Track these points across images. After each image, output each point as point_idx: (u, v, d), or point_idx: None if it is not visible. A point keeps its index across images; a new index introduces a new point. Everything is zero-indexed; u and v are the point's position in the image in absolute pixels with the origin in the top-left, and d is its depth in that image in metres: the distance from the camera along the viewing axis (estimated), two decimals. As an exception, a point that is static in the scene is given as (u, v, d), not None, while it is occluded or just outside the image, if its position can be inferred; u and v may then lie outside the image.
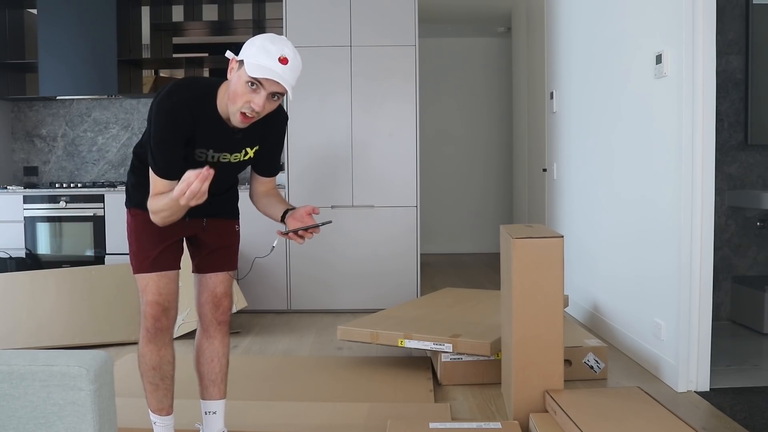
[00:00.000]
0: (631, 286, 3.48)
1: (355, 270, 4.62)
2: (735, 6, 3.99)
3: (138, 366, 2.19)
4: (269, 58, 1.87)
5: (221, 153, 2.08)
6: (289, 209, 2.21)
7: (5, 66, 4.88)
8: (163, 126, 1.95)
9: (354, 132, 4.58)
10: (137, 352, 2.18)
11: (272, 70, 1.87)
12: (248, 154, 2.14)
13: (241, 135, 2.07)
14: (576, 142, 4.37)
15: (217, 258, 2.25)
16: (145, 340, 2.13)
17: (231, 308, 2.32)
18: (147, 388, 2.19)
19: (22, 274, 4.01)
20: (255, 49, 1.90)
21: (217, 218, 2.25)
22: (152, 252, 2.12)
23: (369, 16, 4.53)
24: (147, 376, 2.17)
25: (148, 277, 2.13)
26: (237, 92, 1.92)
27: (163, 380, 2.18)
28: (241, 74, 1.91)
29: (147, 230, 2.12)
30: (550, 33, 4.97)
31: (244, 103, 1.92)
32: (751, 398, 2.77)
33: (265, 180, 2.29)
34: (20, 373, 1.24)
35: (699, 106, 2.83)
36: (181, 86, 2.00)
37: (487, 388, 2.98)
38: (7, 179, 5.14)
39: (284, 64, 1.88)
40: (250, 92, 1.91)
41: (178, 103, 1.96)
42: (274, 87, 1.90)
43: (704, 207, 2.87)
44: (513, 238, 2.44)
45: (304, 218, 2.14)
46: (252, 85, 1.89)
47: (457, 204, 7.77)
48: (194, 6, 5.06)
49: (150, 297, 2.11)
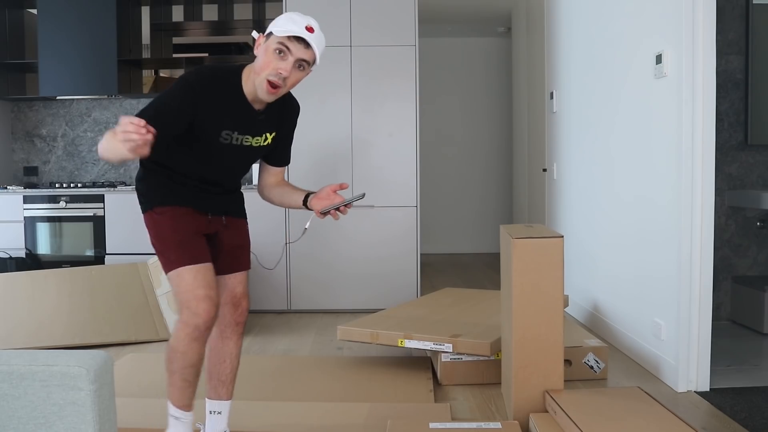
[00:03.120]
0: (631, 286, 3.48)
1: (355, 270, 4.62)
2: (735, 6, 3.99)
3: (169, 363, 2.10)
4: (296, 25, 1.95)
5: (244, 135, 2.10)
6: (309, 193, 2.24)
7: (5, 66, 4.88)
8: (176, 91, 1.97)
9: (354, 132, 4.58)
10: (171, 350, 2.08)
11: (300, 32, 1.95)
12: (267, 139, 2.16)
13: (263, 116, 2.10)
14: (576, 142, 4.37)
15: (235, 258, 2.25)
16: (190, 338, 2.04)
17: (248, 309, 2.31)
18: (178, 385, 2.11)
19: (22, 274, 4.01)
20: (282, 20, 1.98)
21: (233, 216, 2.27)
22: (191, 243, 2.07)
23: (369, 16, 4.53)
24: (182, 374, 2.09)
25: (197, 270, 2.04)
26: (265, 61, 1.97)
27: (196, 377, 2.13)
28: (269, 44, 1.98)
29: (185, 223, 2.08)
30: (550, 33, 4.97)
31: (271, 70, 1.96)
32: (751, 398, 2.77)
33: (277, 170, 2.32)
34: (20, 373, 1.24)
35: (699, 106, 2.83)
36: (207, 66, 2.06)
37: (487, 388, 2.98)
38: (7, 179, 5.14)
39: (311, 33, 1.96)
40: (278, 59, 1.97)
41: (201, 78, 1.99)
42: (302, 53, 1.96)
43: (704, 207, 2.87)
44: (513, 238, 2.44)
45: (330, 196, 2.19)
46: (280, 52, 1.96)
47: (457, 204, 7.77)
48: (194, 6, 5.06)
49: (201, 291, 2.02)
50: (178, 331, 2.06)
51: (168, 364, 2.11)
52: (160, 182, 2.11)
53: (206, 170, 2.14)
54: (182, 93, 1.97)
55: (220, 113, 2.03)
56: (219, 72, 2.04)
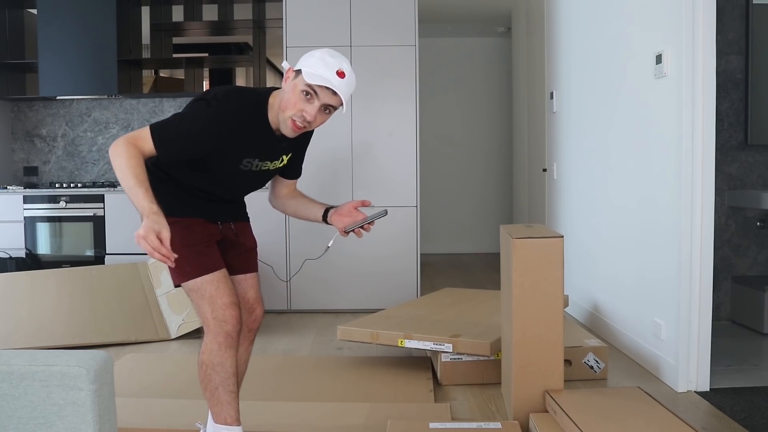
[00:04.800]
0: (631, 286, 3.48)
1: (355, 270, 4.62)
2: (735, 6, 3.99)
3: (208, 381, 2.04)
4: (327, 70, 1.90)
5: (264, 162, 2.09)
6: (329, 207, 2.22)
7: (5, 66, 4.88)
8: (200, 117, 1.91)
9: (354, 132, 4.58)
10: (207, 367, 2.03)
11: (329, 80, 1.89)
12: (284, 161, 2.15)
13: (285, 143, 2.08)
14: (576, 142, 4.37)
15: (244, 260, 2.24)
16: (224, 348, 2.00)
17: (263, 316, 2.29)
18: (224, 399, 2.04)
19: (22, 274, 4.01)
20: (314, 60, 1.92)
21: (241, 222, 2.27)
22: (204, 252, 2.04)
23: (369, 16, 4.53)
24: (226, 386, 2.03)
25: (215, 279, 2.01)
26: (291, 101, 1.93)
27: (238, 385, 2.10)
28: (297, 83, 1.93)
29: (196, 233, 2.05)
30: (550, 33, 4.97)
31: (296, 111, 1.93)
32: (751, 398, 2.77)
33: (290, 182, 2.30)
34: (20, 373, 1.24)
35: (699, 106, 2.83)
36: (235, 92, 1.98)
37: (487, 388, 2.98)
38: (7, 179, 5.14)
39: (341, 78, 1.91)
40: (305, 101, 1.92)
41: (228, 109, 1.93)
42: (329, 98, 1.92)
43: (704, 207, 2.87)
44: (513, 238, 2.44)
45: (352, 213, 2.17)
46: (307, 94, 1.91)
47: (457, 204, 7.77)
48: (194, 6, 5.06)
49: (226, 299, 2.00)
50: (209, 344, 2.02)
51: (206, 384, 2.05)
52: (169, 191, 2.06)
53: (219, 189, 2.12)
54: (206, 123, 1.91)
55: (244, 144, 2.00)
56: (246, 100, 1.97)
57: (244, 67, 5.18)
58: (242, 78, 5.22)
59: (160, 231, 1.72)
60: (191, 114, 1.94)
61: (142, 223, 1.77)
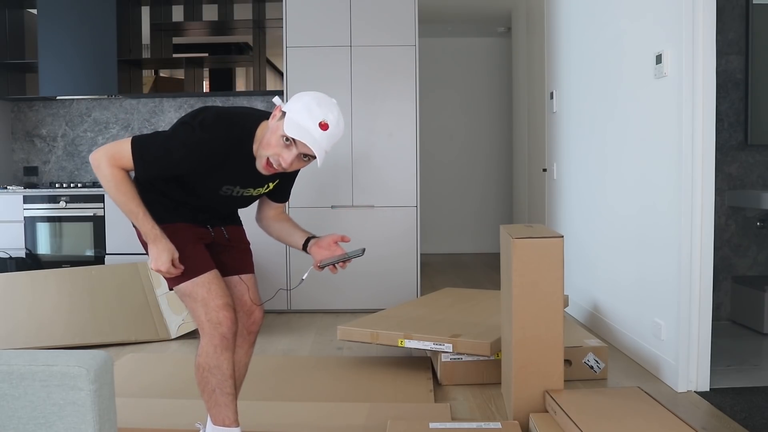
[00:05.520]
0: (631, 286, 3.48)
1: (355, 270, 4.61)
2: (735, 6, 3.99)
3: (205, 384, 2.04)
4: (311, 120, 1.86)
5: (246, 189, 2.08)
6: (310, 237, 2.20)
7: (5, 66, 4.88)
8: (185, 141, 1.90)
9: (354, 132, 4.58)
10: (203, 370, 2.03)
11: (309, 133, 1.86)
12: (269, 187, 2.14)
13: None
14: (576, 142, 4.37)
15: (239, 260, 2.23)
16: (220, 350, 2.00)
17: (263, 319, 2.28)
18: (222, 402, 2.04)
19: (22, 274, 4.01)
20: (300, 105, 1.89)
21: (232, 225, 2.27)
22: (192, 254, 2.03)
23: (369, 15, 4.53)
24: (223, 388, 2.03)
25: (206, 281, 2.01)
26: (270, 142, 1.91)
27: (235, 387, 2.09)
28: (279, 125, 1.90)
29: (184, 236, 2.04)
30: (550, 33, 4.97)
31: (273, 154, 1.91)
32: (751, 398, 2.77)
33: (277, 205, 2.28)
34: (20, 373, 1.24)
35: (699, 106, 2.83)
36: (223, 122, 1.93)
37: (487, 388, 2.98)
38: (7, 179, 5.14)
39: (324, 130, 1.87)
40: (283, 146, 1.90)
41: (214, 140, 1.90)
42: (307, 149, 1.89)
43: (704, 207, 2.87)
44: (513, 238, 2.44)
45: (331, 247, 2.16)
46: (286, 140, 1.89)
47: (457, 204, 7.77)
48: (194, 6, 5.06)
49: (218, 301, 2.00)
50: (204, 347, 2.02)
51: (204, 387, 2.05)
52: (156, 200, 2.05)
53: (201, 204, 2.12)
54: (189, 150, 1.90)
55: (225, 173, 1.99)
56: (232, 132, 1.94)
57: (244, 67, 5.18)
58: (242, 78, 5.22)
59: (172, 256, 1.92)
60: (175, 137, 1.92)
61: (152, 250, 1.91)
